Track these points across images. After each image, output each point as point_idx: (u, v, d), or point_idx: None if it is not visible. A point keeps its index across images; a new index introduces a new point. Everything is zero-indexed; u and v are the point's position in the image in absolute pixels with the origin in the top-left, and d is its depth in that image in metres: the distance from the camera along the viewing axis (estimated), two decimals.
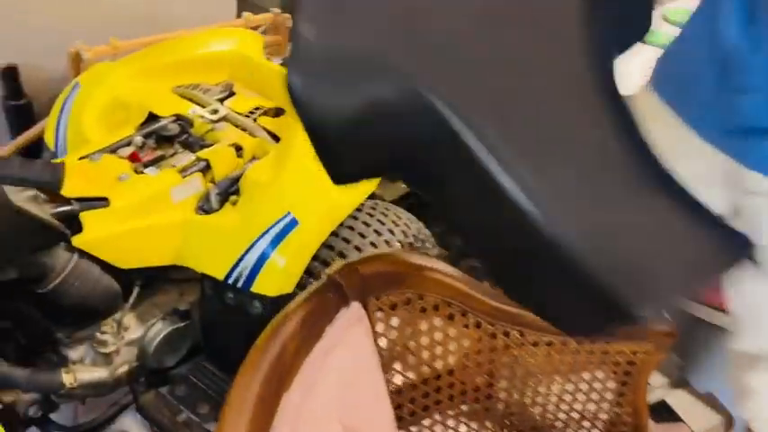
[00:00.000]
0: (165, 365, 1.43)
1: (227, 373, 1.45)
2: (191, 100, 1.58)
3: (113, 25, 1.88)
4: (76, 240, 1.18)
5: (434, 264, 0.93)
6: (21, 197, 1.11)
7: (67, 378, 1.24)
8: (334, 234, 1.37)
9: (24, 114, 1.78)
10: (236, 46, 1.69)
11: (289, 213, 1.28)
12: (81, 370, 1.28)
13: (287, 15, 2.14)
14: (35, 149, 1.81)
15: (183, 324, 1.41)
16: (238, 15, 2.17)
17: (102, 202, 1.24)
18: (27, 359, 1.31)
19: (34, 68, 1.79)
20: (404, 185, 2.31)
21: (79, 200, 1.22)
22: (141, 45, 1.79)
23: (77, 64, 1.72)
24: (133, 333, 1.35)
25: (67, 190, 1.23)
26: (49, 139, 1.59)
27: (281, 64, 1.81)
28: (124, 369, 1.35)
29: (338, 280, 0.83)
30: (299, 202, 1.29)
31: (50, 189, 0.98)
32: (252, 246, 1.28)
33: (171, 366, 1.44)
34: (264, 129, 1.51)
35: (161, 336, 1.38)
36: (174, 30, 1.93)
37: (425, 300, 0.94)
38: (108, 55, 1.75)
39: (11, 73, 1.72)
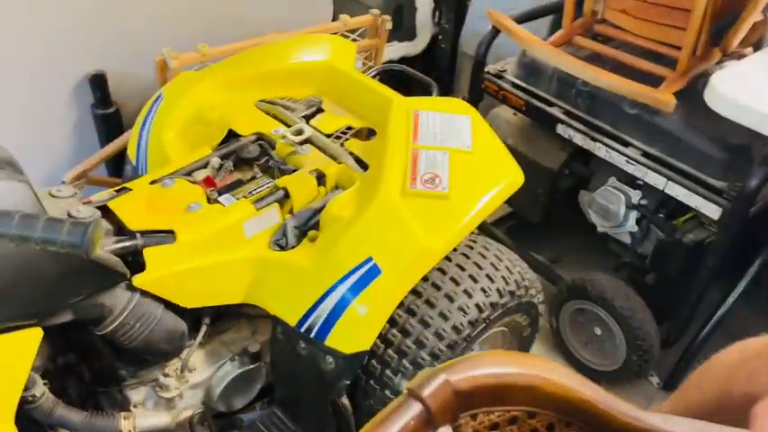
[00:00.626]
0: (232, 409, 1.30)
1: (299, 424, 1.31)
2: (274, 117, 1.44)
3: (203, 29, 1.78)
4: (138, 280, 1.07)
5: (551, 371, 0.70)
6: None
7: (126, 425, 1.14)
8: (423, 278, 1.19)
9: (113, 122, 1.72)
10: (327, 56, 1.53)
11: (370, 259, 1.10)
12: (141, 415, 1.18)
13: (386, 17, 1.96)
14: (122, 160, 1.76)
15: (253, 366, 1.27)
16: (334, 17, 2.02)
17: (168, 235, 1.12)
18: (89, 395, 1.23)
19: (123, 75, 1.72)
20: (505, 204, 2.09)
21: (144, 233, 1.11)
22: (231, 51, 1.68)
23: (164, 72, 1.63)
24: (199, 375, 1.23)
25: (132, 222, 1.12)
26: (131, 152, 1.51)
27: (374, 76, 1.63)
28: (187, 414, 1.23)
29: (423, 399, 0.62)
30: (382, 246, 1.11)
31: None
32: (329, 291, 1.11)
33: (239, 409, 1.32)
34: (351, 154, 1.34)
35: (229, 378, 1.25)
36: (267, 33, 1.81)
37: (538, 418, 0.71)
38: (196, 62, 1.65)
39: (99, 80, 1.66)
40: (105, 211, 1.15)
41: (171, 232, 1.12)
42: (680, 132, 1.52)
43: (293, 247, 1.21)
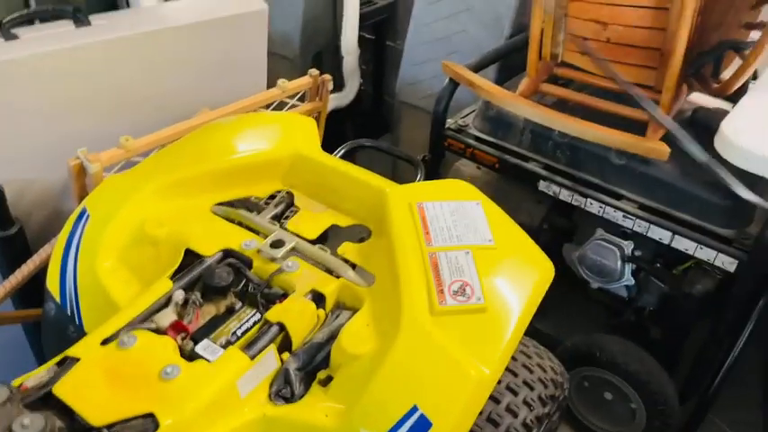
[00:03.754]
0: None
1: None
2: (239, 224, 1.19)
3: (118, 118, 1.48)
4: None
5: None
6: None
7: None
8: None
9: (16, 246, 1.37)
10: (289, 141, 1.30)
11: (415, 409, 0.88)
12: None
13: (328, 77, 1.75)
14: (31, 288, 1.41)
15: None
16: (269, 81, 1.78)
17: (146, 422, 0.84)
18: None
19: (24, 184, 1.38)
20: None
21: (111, 427, 0.82)
22: (161, 140, 1.40)
23: (81, 178, 1.32)
24: None
25: (94, 413, 0.83)
26: (53, 288, 1.19)
27: (342, 157, 1.42)
28: None
29: None
30: (425, 389, 0.90)
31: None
32: None
33: None
34: (346, 261, 1.11)
35: None
36: (198, 112, 1.54)
37: None
38: (121, 160, 1.35)
39: None
40: (49, 398, 0.85)
41: (150, 416, 0.84)
42: (674, 180, 1.44)
43: (301, 397, 0.97)
